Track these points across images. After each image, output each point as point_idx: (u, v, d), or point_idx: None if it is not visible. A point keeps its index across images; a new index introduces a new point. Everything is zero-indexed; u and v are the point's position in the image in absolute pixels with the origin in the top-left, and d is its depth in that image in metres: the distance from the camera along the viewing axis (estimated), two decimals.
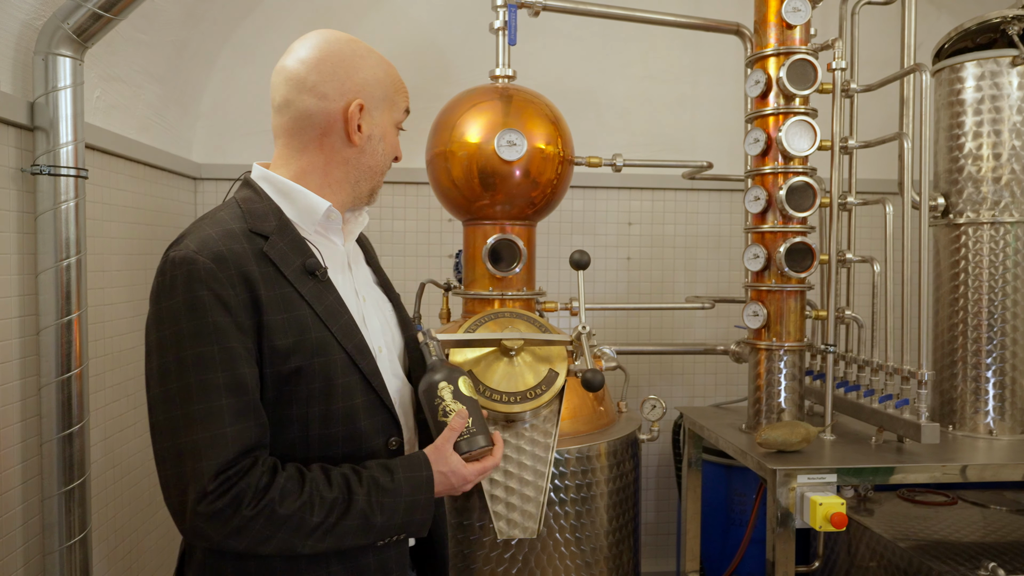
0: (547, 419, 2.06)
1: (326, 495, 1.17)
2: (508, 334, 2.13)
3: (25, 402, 2.00)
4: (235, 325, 1.14)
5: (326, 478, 1.19)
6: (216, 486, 1.09)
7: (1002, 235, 2.51)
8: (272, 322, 1.18)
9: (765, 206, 2.47)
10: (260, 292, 1.18)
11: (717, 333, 3.65)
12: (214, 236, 1.19)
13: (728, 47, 3.31)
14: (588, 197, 3.59)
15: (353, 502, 1.18)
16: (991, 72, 2.50)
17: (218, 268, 1.15)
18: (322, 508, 1.16)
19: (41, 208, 1.99)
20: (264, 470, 1.14)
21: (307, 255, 1.26)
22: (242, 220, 1.24)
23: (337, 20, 3.35)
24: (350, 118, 1.30)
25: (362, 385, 1.27)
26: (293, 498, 1.14)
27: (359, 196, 1.38)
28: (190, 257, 1.15)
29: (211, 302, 1.13)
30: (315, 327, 1.22)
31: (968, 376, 2.56)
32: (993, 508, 2.58)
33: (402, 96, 1.39)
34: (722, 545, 3.07)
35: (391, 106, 1.37)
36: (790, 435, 2.24)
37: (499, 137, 2.33)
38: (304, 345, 1.20)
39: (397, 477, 1.23)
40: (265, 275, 1.20)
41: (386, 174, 1.40)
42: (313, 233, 1.32)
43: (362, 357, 1.27)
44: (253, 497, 1.11)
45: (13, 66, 1.94)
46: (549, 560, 2.11)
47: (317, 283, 1.26)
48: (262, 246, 1.22)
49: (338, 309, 1.27)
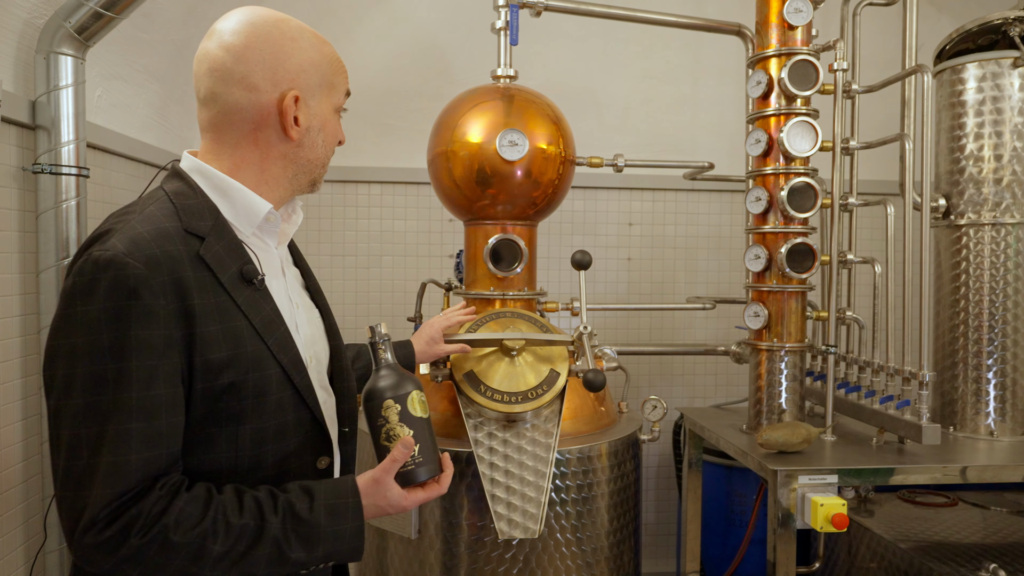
0: (548, 419, 2.06)
1: (233, 522, 1.06)
2: (509, 334, 2.13)
3: (26, 400, 2.00)
4: (162, 339, 1.04)
5: (237, 502, 1.08)
6: (107, 514, 1.00)
7: (1003, 236, 2.51)
8: (205, 334, 1.08)
9: (766, 207, 2.47)
10: (194, 301, 1.07)
11: (718, 334, 3.65)
12: (146, 236, 1.07)
13: (729, 48, 3.31)
14: (589, 197, 3.59)
15: (265, 531, 1.07)
16: (992, 73, 2.51)
17: (150, 274, 1.03)
18: (228, 536, 1.05)
19: (42, 207, 1.99)
20: (162, 495, 1.03)
21: (244, 260, 1.16)
22: (176, 218, 1.12)
23: (338, 20, 3.35)
24: (285, 111, 1.18)
25: (294, 401, 1.18)
26: (190, 525, 1.04)
27: (298, 190, 1.28)
28: (119, 259, 1.02)
29: (137, 313, 1.02)
30: (251, 340, 1.13)
31: (969, 377, 2.56)
32: (994, 509, 2.58)
33: (341, 77, 1.27)
34: (722, 546, 3.07)
35: (330, 91, 1.25)
36: (791, 436, 2.24)
37: (501, 137, 2.33)
38: (239, 359, 1.11)
39: (316, 505, 1.11)
40: (200, 281, 1.09)
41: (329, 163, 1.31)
42: (251, 236, 1.21)
43: (297, 372, 1.18)
44: (144, 525, 1.01)
45: (15, 64, 1.94)
46: (550, 560, 2.11)
47: (254, 291, 1.16)
48: (198, 248, 1.11)
49: (275, 320, 1.17)
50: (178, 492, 1.06)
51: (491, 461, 1.95)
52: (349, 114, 1.36)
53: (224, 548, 1.05)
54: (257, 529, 1.07)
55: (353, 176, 3.44)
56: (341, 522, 1.13)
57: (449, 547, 2.09)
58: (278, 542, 1.08)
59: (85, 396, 1.01)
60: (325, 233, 3.42)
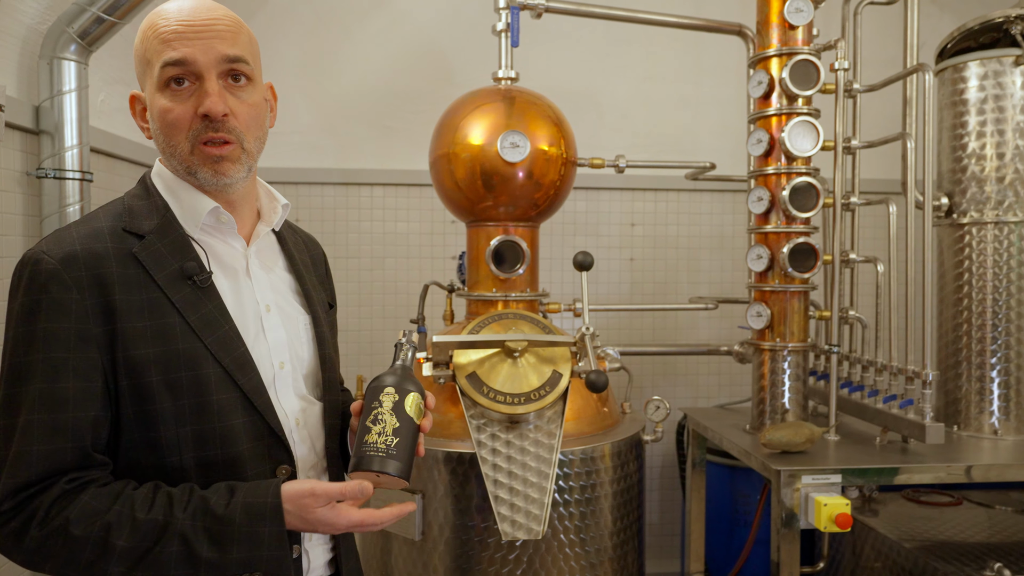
0: (551, 420, 2.07)
1: (140, 516, 1.03)
2: (512, 335, 2.14)
3: None
4: (73, 332, 1.04)
5: (150, 497, 1.05)
6: (11, 506, 1.02)
7: (1006, 235, 2.50)
8: (129, 330, 1.07)
9: (768, 206, 2.47)
10: (115, 296, 1.07)
11: (720, 334, 3.64)
12: (74, 235, 1.10)
13: (730, 48, 3.31)
14: (591, 198, 3.59)
15: (171, 526, 1.03)
16: (994, 72, 2.50)
17: (63, 269, 1.05)
18: (133, 531, 1.02)
19: (46, 211, 2.00)
20: (68, 488, 1.03)
21: (187, 258, 1.14)
22: (118, 218, 1.14)
23: (339, 23, 3.36)
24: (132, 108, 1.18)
25: (242, 404, 1.13)
26: (93, 518, 1.02)
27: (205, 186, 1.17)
28: (36, 257, 1.07)
29: (47, 306, 1.04)
30: (184, 337, 1.10)
31: (973, 376, 2.56)
32: (998, 508, 2.58)
33: (154, 44, 1.11)
34: (727, 546, 3.06)
35: (148, 69, 1.13)
36: (794, 436, 2.24)
37: (502, 139, 2.33)
38: (169, 357, 1.09)
39: (233, 502, 1.05)
40: (127, 278, 1.09)
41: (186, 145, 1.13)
42: (201, 233, 1.18)
43: (242, 373, 1.13)
44: (44, 517, 1.01)
45: (18, 70, 1.95)
46: (554, 561, 2.11)
47: (195, 289, 1.13)
48: (133, 247, 1.11)
49: (217, 319, 1.13)
50: (87, 486, 1.05)
51: (494, 462, 1.96)
52: (351, 116, 1.33)
53: (128, 543, 1.02)
54: (163, 524, 1.03)
55: (355, 178, 3.45)
56: (258, 523, 1.05)
57: (453, 548, 2.09)
58: (186, 539, 1.03)
59: (3, 388, 1.05)
60: (328, 235, 3.42)
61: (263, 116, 1.21)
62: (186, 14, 1.11)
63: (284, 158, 3.31)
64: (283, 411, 1.20)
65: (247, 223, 1.26)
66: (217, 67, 1.12)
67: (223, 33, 1.12)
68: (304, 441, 1.23)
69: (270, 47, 3.26)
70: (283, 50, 3.27)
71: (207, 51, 1.10)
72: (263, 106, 1.21)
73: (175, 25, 1.10)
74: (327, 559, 1.30)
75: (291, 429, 1.21)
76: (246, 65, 1.15)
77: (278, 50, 3.27)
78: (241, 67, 1.14)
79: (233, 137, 1.14)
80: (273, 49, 3.26)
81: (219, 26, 1.12)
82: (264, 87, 1.25)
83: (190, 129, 1.12)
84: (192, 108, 1.11)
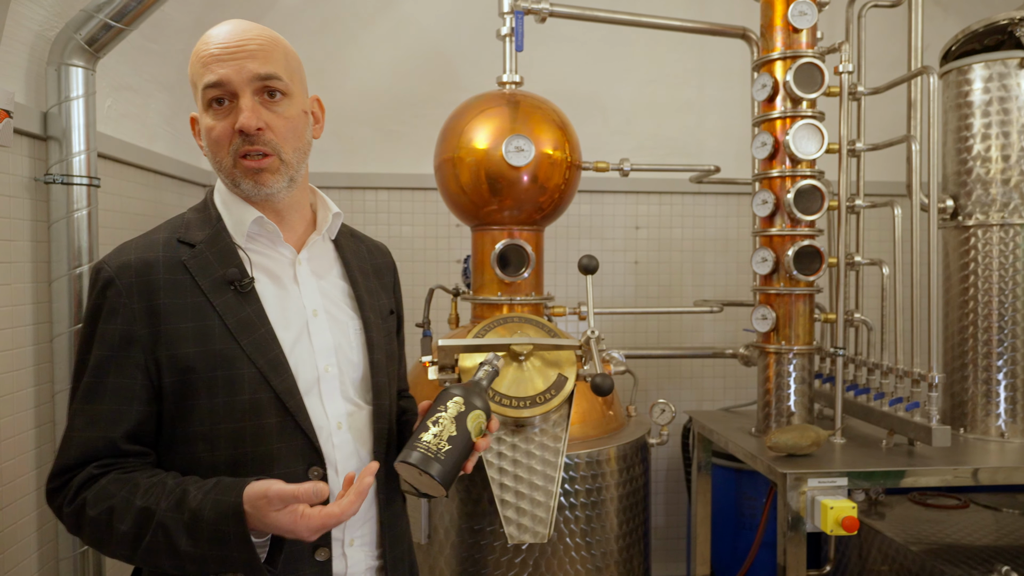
0: (557, 424, 2.07)
1: (136, 503, 1.08)
2: (517, 339, 2.14)
3: (39, 408, 2.02)
4: (119, 334, 1.15)
5: (149, 486, 1.10)
6: (56, 485, 1.15)
7: (1012, 237, 2.50)
8: (173, 331, 1.16)
9: (773, 209, 2.47)
10: (161, 301, 1.16)
11: (726, 337, 3.64)
12: (133, 246, 1.22)
13: (734, 51, 3.31)
14: (595, 202, 3.59)
15: (155, 514, 1.07)
16: (999, 74, 2.50)
17: (117, 277, 1.17)
18: (131, 517, 1.08)
19: (54, 217, 2.02)
20: (94, 473, 1.12)
21: (230, 265, 1.21)
22: (175, 230, 1.25)
23: (344, 28, 3.37)
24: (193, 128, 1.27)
25: (275, 404, 1.18)
26: (103, 502, 1.09)
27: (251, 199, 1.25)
28: (99, 266, 1.20)
29: (100, 311, 1.17)
30: (222, 339, 1.17)
31: (979, 378, 2.55)
32: (1005, 511, 2.57)
33: (197, 68, 1.19)
34: (732, 549, 3.06)
35: (196, 92, 1.22)
36: (800, 439, 2.24)
37: (507, 143, 2.34)
38: (207, 356, 1.16)
39: (207, 497, 1.07)
40: (174, 284, 1.18)
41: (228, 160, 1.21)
42: (249, 242, 1.26)
43: (275, 374, 1.18)
44: (72, 496, 1.13)
45: (26, 76, 1.97)
46: (560, 564, 2.11)
47: (236, 294, 1.20)
48: (183, 256, 1.21)
49: (254, 322, 1.19)
50: (110, 472, 1.13)
51: (500, 466, 1.96)
52: (356, 120, 1.35)
53: (126, 528, 1.08)
54: (151, 513, 1.07)
55: (360, 182, 3.46)
56: (223, 522, 1.05)
57: (459, 551, 2.10)
58: (167, 530, 1.06)
59: (71, 381, 1.21)
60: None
61: (302, 128, 1.27)
62: (223, 38, 1.20)
63: None
64: (324, 413, 1.24)
65: (297, 231, 1.32)
66: (250, 85, 1.19)
67: (256, 52, 1.19)
68: (346, 444, 1.26)
69: None
70: None
71: (240, 71, 1.18)
72: (302, 118, 1.27)
73: (213, 49, 1.19)
74: (370, 565, 1.29)
75: (330, 432, 1.24)
76: (280, 81, 1.21)
77: None
78: (274, 83, 1.21)
79: (270, 149, 1.21)
80: None
81: (251, 46, 1.20)
82: (306, 100, 1.30)
83: (231, 144, 1.20)
84: (231, 125, 1.19)
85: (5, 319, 1.89)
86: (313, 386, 1.23)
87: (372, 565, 1.29)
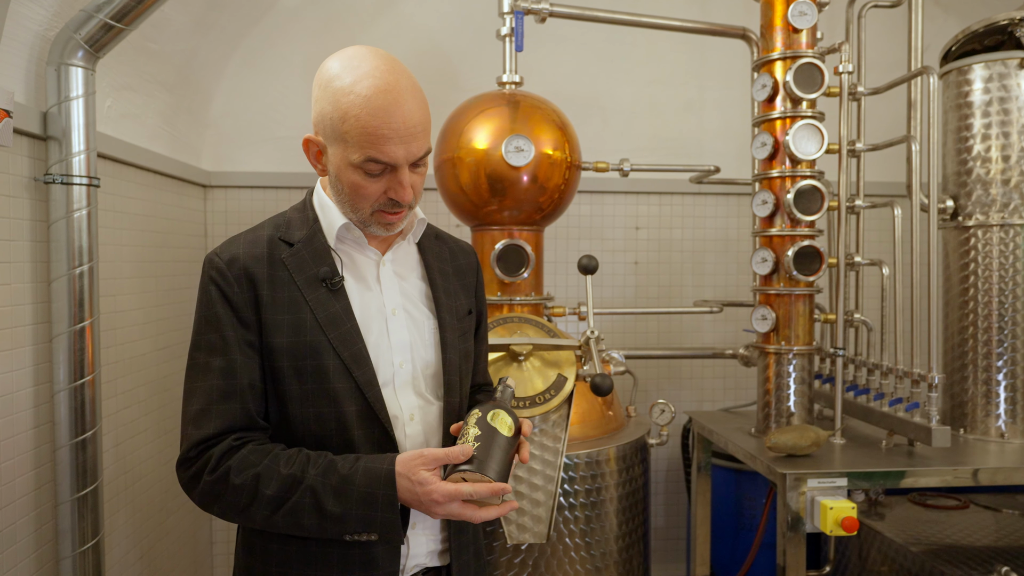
0: (556, 424, 2.07)
1: (282, 471, 1.22)
2: (517, 339, 2.14)
3: (38, 408, 2.02)
4: (235, 318, 1.28)
5: (294, 457, 1.24)
6: (194, 454, 1.24)
7: (1012, 237, 2.50)
8: (271, 321, 1.28)
9: (773, 210, 2.47)
10: (263, 292, 1.29)
11: (725, 337, 3.64)
12: (240, 240, 1.34)
13: (734, 51, 3.31)
14: (595, 202, 3.59)
15: (304, 479, 1.21)
16: (999, 74, 2.50)
17: (227, 267, 1.29)
18: (277, 482, 1.21)
19: (54, 217, 2.01)
20: (234, 444, 1.24)
21: (323, 264, 1.33)
22: (277, 228, 1.36)
23: (345, 28, 3.37)
24: (307, 149, 1.34)
25: (356, 394, 1.29)
26: (249, 470, 1.21)
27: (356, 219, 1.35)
28: (210, 257, 1.32)
29: (216, 296, 1.28)
30: (312, 331, 1.28)
31: (979, 379, 2.55)
32: (1005, 512, 2.57)
33: (361, 139, 1.24)
34: (732, 550, 3.06)
35: (342, 145, 1.27)
36: (800, 439, 2.24)
37: (507, 143, 2.34)
38: (299, 346, 1.28)
39: (358, 465, 1.22)
40: (274, 278, 1.30)
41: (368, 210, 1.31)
42: (340, 244, 1.37)
43: (357, 366, 1.29)
44: (214, 465, 1.22)
45: (26, 76, 1.97)
46: (559, 565, 2.11)
47: (327, 291, 1.31)
48: (283, 253, 1.32)
49: (341, 317, 1.31)
50: (247, 444, 1.25)
51: None
52: None
53: (272, 492, 1.21)
54: (299, 479, 1.21)
55: None
56: (375, 486, 1.20)
57: None
58: (315, 493, 1.20)
59: (191, 359, 1.30)
60: None
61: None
62: (395, 119, 1.23)
63: (289, 162, 3.32)
64: (397, 406, 1.34)
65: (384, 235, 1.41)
66: (409, 161, 1.28)
67: (420, 136, 1.28)
68: (417, 436, 1.35)
69: (275, 51, 3.28)
70: (288, 54, 3.29)
71: (407, 154, 1.26)
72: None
73: (384, 131, 1.23)
74: (432, 550, 1.38)
75: (403, 423, 1.34)
76: (429, 152, 1.32)
77: (283, 54, 3.28)
78: (426, 158, 1.31)
79: (407, 207, 1.33)
80: (278, 53, 3.27)
81: (419, 128, 1.27)
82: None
83: (376, 201, 1.30)
84: (382, 188, 1.28)
85: (4, 319, 1.89)
86: (390, 380, 1.33)
87: (433, 549, 1.39)
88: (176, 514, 2.93)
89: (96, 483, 2.10)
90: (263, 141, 3.33)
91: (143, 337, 2.65)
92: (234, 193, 3.31)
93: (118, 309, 2.47)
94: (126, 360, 2.53)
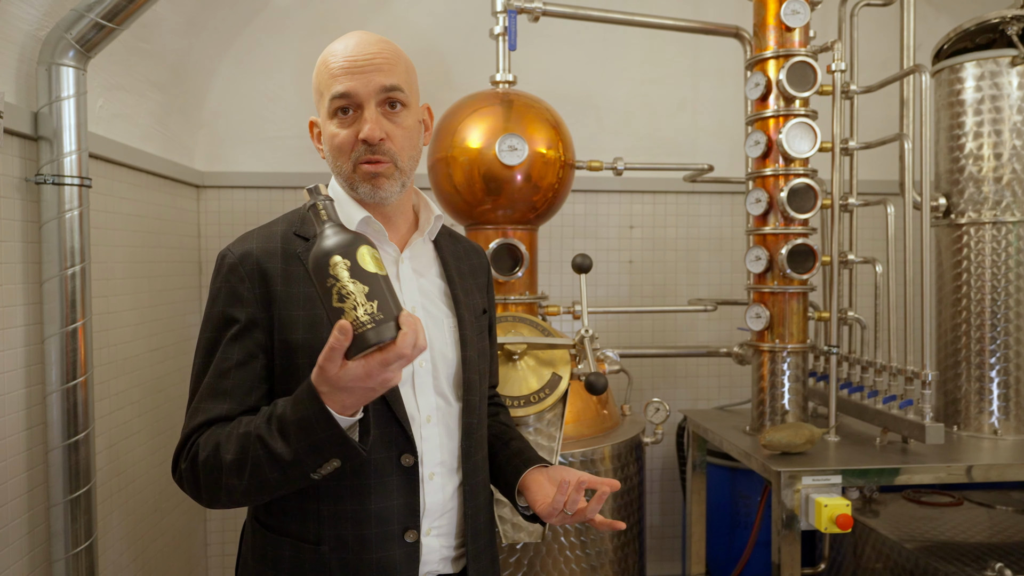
0: (551, 423, 2.07)
1: (235, 432, 1.19)
2: (511, 338, 2.14)
3: (30, 410, 2.01)
4: (244, 316, 1.25)
5: (247, 420, 1.20)
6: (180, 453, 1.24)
7: (1004, 235, 2.51)
8: (286, 317, 1.25)
9: (766, 208, 2.47)
10: (276, 288, 1.26)
11: (720, 335, 3.65)
12: (254, 236, 1.32)
13: (728, 50, 3.31)
14: (589, 201, 3.59)
15: (252, 432, 1.16)
16: (991, 72, 2.51)
17: (239, 263, 1.27)
18: (234, 443, 1.18)
19: (45, 217, 2.00)
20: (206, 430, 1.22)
21: None
22: (292, 224, 1.34)
23: (337, 27, 3.36)
24: (311, 132, 1.35)
25: None
26: (211, 443, 1.20)
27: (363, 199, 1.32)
28: (223, 253, 1.30)
29: (225, 293, 1.26)
30: (328, 328, 1.19)
31: (972, 376, 2.56)
32: (999, 508, 2.58)
33: (324, 79, 1.27)
34: (727, 547, 3.06)
35: (320, 99, 1.30)
36: (794, 437, 2.24)
37: (500, 142, 2.34)
38: (314, 343, 1.23)
39: (284, 400, 1.16)
40: (288, 273, 1.28)
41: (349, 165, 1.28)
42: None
43: None
44: (188, 450, 1.23)
45: (16, 76, 1.95)
46: (555, 564, 2.11)
47: None
48: (298, 248, 1.30)
49: None
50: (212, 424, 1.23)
51: None
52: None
53: (232, 456, 1.17)
54: (249, 432, 1.17)
55: None
56: (302, 409, 1.10)
57: None
58: (263, 440, 1.14)
59: (194, 357, 1.29)
60: None
61: (416, 137, 1.35)
62: (351, 51, 1.27)
63: (284, 162, 3.31)
64: (415, 406, 1.30)
65: (401, 231, 1.39)
66: (375, 97, 1.26)
67: (382, 66, 1.26)
68: (435, 436, 1.32)
69: (269, 50, 3.27)
70: (281, 54, 3.28)
71: (367, 84, 1.25)
72: (417, 127, 1.35)
73: (341, 62, 1.26)
74: (445, 556, 1.35)
75: (421, 423, 1.30)
76: (401, 93, 1.28)
77: (276, 54, 3.27)
78: (397, 95, 1.28)
79: (387, 158, 1.28)
80: (271, 53, 3.26)
81: (378, 60, 1.27)
82: (419, 109, 1.38)
83: (353, 151, 1.28)
84: (354, 133, 1.27)
85: None
86: (408, 379, 1.30)
87: (447, 556, 1.35)
88: (170, 515, 2.92)
89: (89, 485, 2.09)
90: (256, 141, 3.32)
91: (136, 338, 2.64)
92: (227, 193, 3.29)
93: (111, 310, 2.46)
94: (119, 361, 2.51)
